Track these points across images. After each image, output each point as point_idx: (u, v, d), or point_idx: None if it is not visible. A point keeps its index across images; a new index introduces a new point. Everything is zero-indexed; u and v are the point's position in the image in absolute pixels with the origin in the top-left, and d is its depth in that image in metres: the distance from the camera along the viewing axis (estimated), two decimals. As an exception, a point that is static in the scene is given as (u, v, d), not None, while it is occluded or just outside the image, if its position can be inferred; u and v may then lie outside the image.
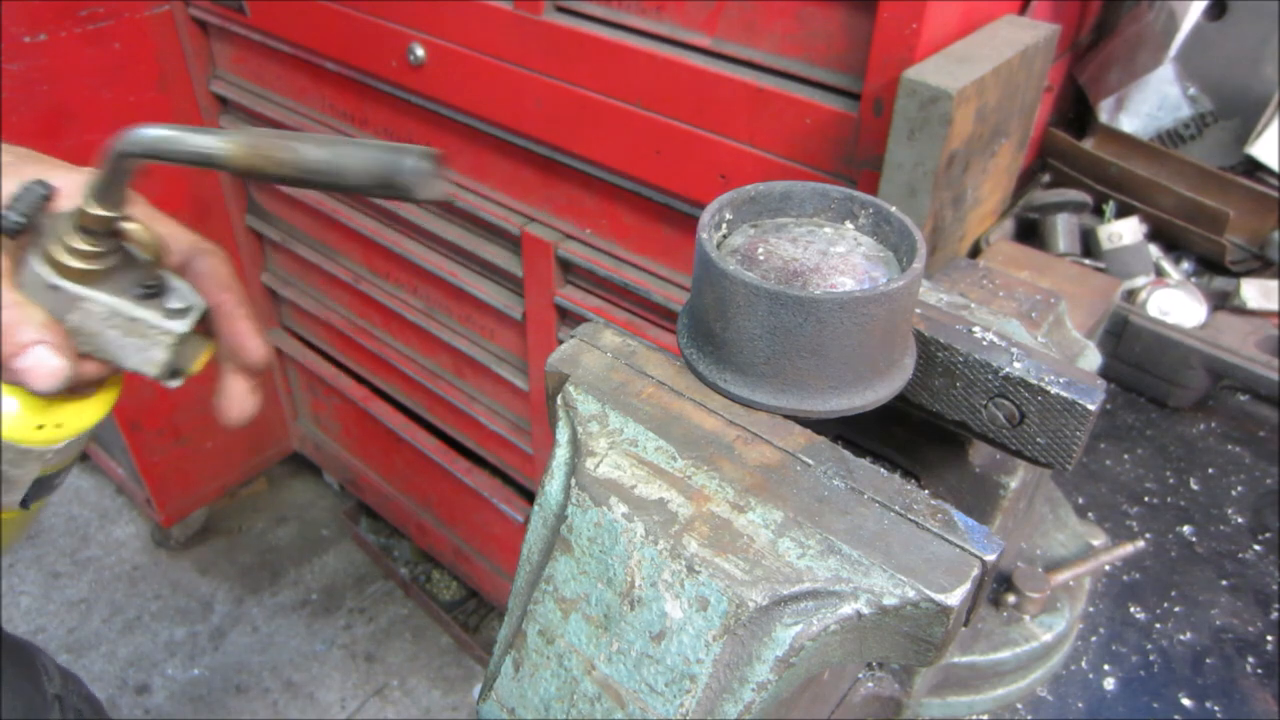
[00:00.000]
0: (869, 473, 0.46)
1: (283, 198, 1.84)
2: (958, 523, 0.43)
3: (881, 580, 0.41)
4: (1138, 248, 1.11)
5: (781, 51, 0.97)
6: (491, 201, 1.41)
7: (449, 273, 1.55)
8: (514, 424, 1.70)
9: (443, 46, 1.25)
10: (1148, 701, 0.80)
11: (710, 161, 1.05)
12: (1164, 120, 1.24)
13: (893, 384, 0.50)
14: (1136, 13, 1.15)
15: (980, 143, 0.90)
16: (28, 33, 1.50)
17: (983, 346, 0.54)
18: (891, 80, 0.85)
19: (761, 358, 0.47)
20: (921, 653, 0.42)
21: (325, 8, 1.38)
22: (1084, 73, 1.23)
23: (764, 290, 0.45)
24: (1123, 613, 0.87)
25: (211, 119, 1.82)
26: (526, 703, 0.46)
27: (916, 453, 0.63)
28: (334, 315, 1.94)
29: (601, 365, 0.51)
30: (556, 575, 0.46)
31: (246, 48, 1.68)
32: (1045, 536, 0.81)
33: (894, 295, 0.46)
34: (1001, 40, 0.90)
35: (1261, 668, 0.83)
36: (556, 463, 0.49)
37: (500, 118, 1.26)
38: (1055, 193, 1.13)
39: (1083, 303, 0.88)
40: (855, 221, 0.53)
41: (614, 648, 0.43)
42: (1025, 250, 1.00)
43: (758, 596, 0.40)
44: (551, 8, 1.13)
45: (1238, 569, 0.92)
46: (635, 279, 1.27)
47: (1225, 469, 1.02)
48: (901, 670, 0.67)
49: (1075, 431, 0.52)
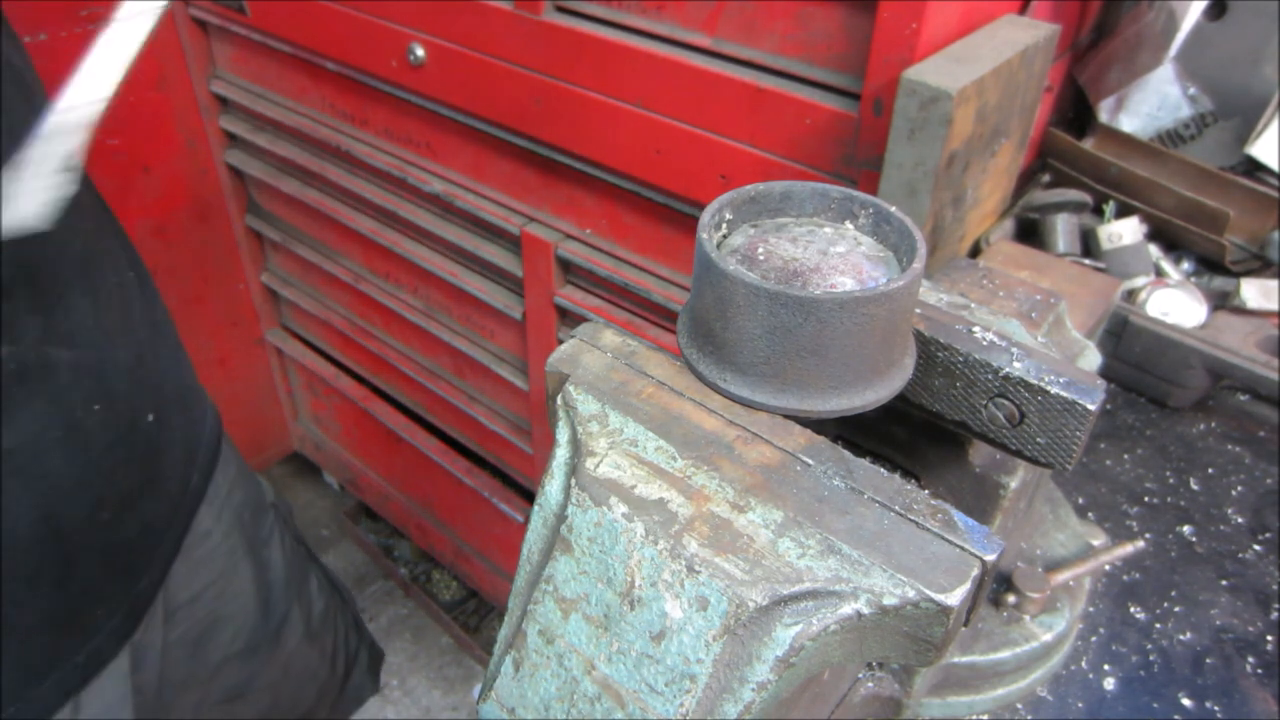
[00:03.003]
0: (869, 473, 0.46)
1: (283, 197, 1.84)
2: (958, 523, 0.43)
3: (881, 580, 0.41)
4: (1138, 248, 1.11)
5: (781, 51, 0.97)
6: (491, 201, 1.41)
7: (449, 273, 1.55)
8: (514, 424, 1.70)
9: (443, 46, 1.25)
10: (1148, 701, 0.80)
11: (710, 161, 1.05)
12: (1164, 120, 1.24)
13: (893, 384, 0.50)
14: (1136, 13, 1.15)
15: (980, 143, 0.90)
16: (28, 32, 1.50)
17: (983, 346, 0.54)
18: (891, 80, 0.85)
19: (761, 358, 0.47)
20: (921, 653, 0.42)
21: (325, 8, 1.38)
22: (1084, 73, 1.23)
23: (764, 290, 0.45)
24: (1123, 613, 0.87)
25: (212, 119, 1.82)
26: (526, 703, 0.46)
27: (916, 453, 0.63)
28: (334, 315, 1.94)
29: (601, 365, 0.51)
30: (556, 575, 0.46)
31: (246, 48, 1.68)
32: (1045, 536, 0.81)
33: (894, 295, 0.46)
34: (1001, 40, 0.90)
35: (1261, 668, 0.83)
36: (556, 463, 0.49)
37: (500, 118, 1.26)
38: (1055, 193, 1.13)
39: (1083, 303, 0.88)
40: (855, 221, 0.53)
41: (614, 648, 0.43)
42: (1025, 250, 1.00)
43: (758, 596, 0.40)
44: (551, 8, 1.13)
45: (1238, 569, 0.92)
46: (635, 279, 1.27)
47: (1225, 469, 1.02)
48: (901, 670, 0.67)
49: (1075, 431, 0.52)
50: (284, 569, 1.12)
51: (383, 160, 1.52)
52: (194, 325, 2.00)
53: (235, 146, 1.87)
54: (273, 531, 1.12)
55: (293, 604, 1.14)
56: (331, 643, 1.23)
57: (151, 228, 1.83)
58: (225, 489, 1.04)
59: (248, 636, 1.07)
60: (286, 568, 1.13)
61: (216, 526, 1.02)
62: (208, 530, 1.01)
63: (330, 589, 1.25)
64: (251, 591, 1.07)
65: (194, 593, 1.00)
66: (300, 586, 1.16)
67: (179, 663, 0.99)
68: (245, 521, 1.07)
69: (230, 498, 1.04)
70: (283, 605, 1.12)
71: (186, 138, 1.81)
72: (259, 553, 1.09)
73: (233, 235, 1.99)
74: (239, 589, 1.06)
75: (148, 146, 1.76)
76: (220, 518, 1.02)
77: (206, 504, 1.01)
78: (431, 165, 1.48)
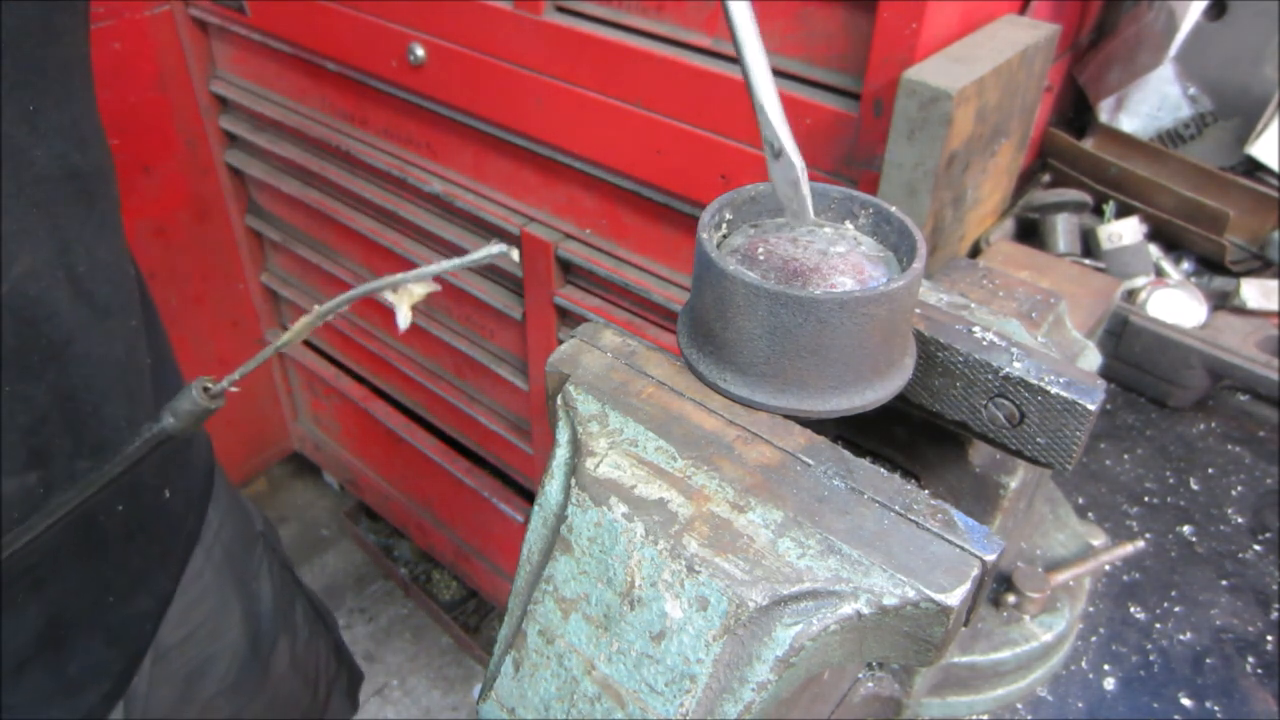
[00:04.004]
0: (869, 473, 0.46)
1: (283, 197, 1.84)
2: (958, 523, 0.43)
3: (881, 580, 0.41)
4: (1138, 248, 1.11)
5: (781, 51, 0.97)
6: (491, 201, 1.41)
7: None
8: (514, 424, 1.70)
9: (443, 46, 1.25)
10: (1148, 701, 0.80)
11: (710, 161, 1.05)
12: (1164, 120, 1.24)
13: (893, 384, 0.50)
14: (1136, 13, 1.15)
15: (980, 143, 0.90)
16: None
17: (983, 346, 0.54)
18: (891, 80, 0.85)
19: (761, 358, 0.47)
20: (921, 653, 0.42)
21: (325, 8, 1.38)
22: (1084, 73, 1.23)
23: (764, 290, 0.45)
24: (1123, 613, 0.87)
25: (211, 119, 1.82)
26: (526, 703, 0.46)
27: (916, 453, 0.63)
28: (334, 315, 1.94)
29: (601, 365, 0.51)
30: (556, 575, 0.46)
31: (246, 48, 1.68)
32: (1045, 536, 0.81)
33: (894, 295, 0.46)
34: (1001, 40, 0.90)
35: (1261, 668, 0.83)
36: (556, 463, 0.49)
37: (500, 117, 1.26)
38: (1055, 193, 1.13)
39: (1083, 303, 0.88)
40: (855, 221, 0.53)
41: (614, 648, 0.43)
42: (1025, 250, 1.00)
43: (758, 596, 0.40)
44: (551, 8, 1.13)
45: (1238, 569, 0.92)
46: (635, 279, 1.27)
47: (1225, 469, 1.02)
48: (901, 670, 0.67)
49: (1075, 431, 0.52)
50: (272, 600, 1.10)
51: (383, 160, 1.52)
52: (194, 325, 2.00)
53: (235, 146, 1.87)
54: (261, 561, 1.10)
55: (279, 635, 1.11)
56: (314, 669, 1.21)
57: (151, 228, 1.83)
58: (216, 525, 1.01)
59: (237, 672, 1.04)
60: (274, 598, 1.11)
61: (207, 565, 1.00)
62: (199, 570, 0.98)
63: (314, 615, 1.23)
64: (241, 628, 1.05)
65: (184, 635, 0.98)
66: (287, 616, 1.14)
67: (167, 703, 0.97)
68: (235, 555, 1.05)
69: (220, 533, 1.02)
70: (270, 637, 1.09)
71: (186, 138, 1.81)
72: (248, 585, 1.07)
73: (233, 235, 1.99)
74: (229, 625, 1.04)
75: (148, 146, 1.76)
76: (211, 555, 1.00)
77: (199, 544, 0.99)
78: (431, 165, 1.48)
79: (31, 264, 0.68)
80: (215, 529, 1.01)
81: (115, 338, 0.79)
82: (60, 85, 0.68)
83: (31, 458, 0.72)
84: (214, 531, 1.01)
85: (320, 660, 1.23)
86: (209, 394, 0.54)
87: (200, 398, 0.54)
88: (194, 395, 0.54)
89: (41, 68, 0.65)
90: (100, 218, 0.75)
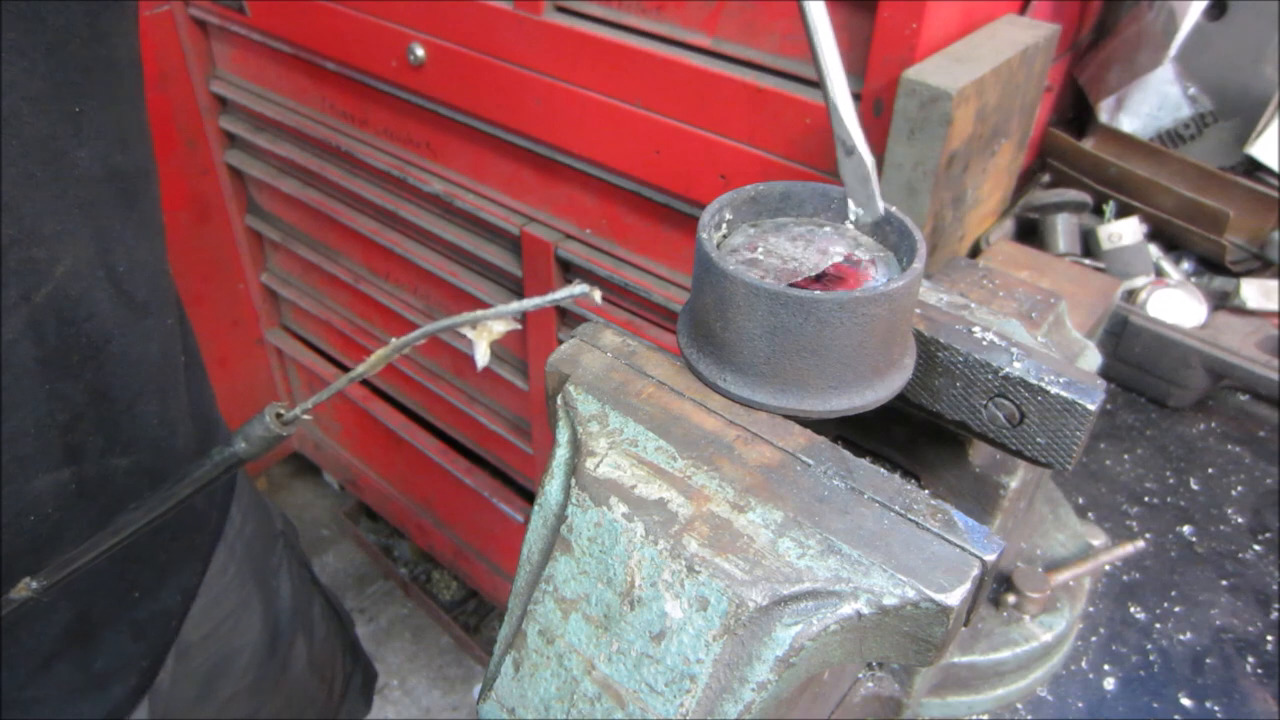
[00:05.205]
0: (869, 473, 0.46)
1: (283, 197, 1.84)
2: (958, 523, 0.43)
3: (881, 580, 0.41)
4: (1138, 248, 1.11)
5: (781, 51, 0.97)
6: (491, 201, 1.41)
7: (449, 273, 1.55)
8: (514, 424, 1.70)
9: (443, 46, 1.25)
10: (1148, 701, 0.80)
11: (710, 161, 1.05)
12: (1164, 120, 1.24)
13: (893, 384, 0.50)
14: (1136, 13, 1.15)
15: (980, 143, 0.90)
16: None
17: (983, 346, 0.54)
18: (891, 80, 0.85)
19: (761, 358, 0.47)
20: (921, 653, 0.42)
21: (325, 8, 1.38)
22: (1084, 73, 1.23)
23: (764, 290, 0.45)
24: (1123, 613, 0.87)
25: (211, 119, 1.82)
26: (526, 703, 0.46)
27: (916, 453, 0.63)
28: (334, 315, 1.94)
29: (601, 365, 0.51)
30: (556, 575, 0.46)
31: (246, 48, 1.68)
32: (1045, 536, 0.81)
33: (894, 295, 0.46)
34: (1001, 40, 0.90)
35: (1261, 668, 0.83)
36: (556, 463, 0.49)
37: (500, 118, 1.26)
38: (1055, 193, 1.13)
39: (1083, 303, 0.88)
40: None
41: (614, 648, 0.43)
42: (1025, 250, 1.00)
43: (758, 596, 0.40)
44: (551, 8, 1.13)
45: (1238, 569, 0.92)
46: (635, 279, 1.27)
47: (1225, 469, 1.02)
48: (901, 670, 0.67)
49: (1075, 431, 0.52)
50: (291, 599, 1.11)
51: (383, 160, 1.52)
52: (194, 325, 1.99)
53: (235, 146, 1.87)
54: (281, 560, 1.10)
55: (298, 633, 1.12)
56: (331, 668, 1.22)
57: (151, 228, 1.83)
58: (239, 521, 1.02)
59: (256, 670, 1.05)
60: (293, 597, 1.11)
61: (230, 562, 1.00)
62: (223, 566, 0.99)
63: (331, 614, 1.24)
64: (260, 625, 1.05)
65: (206, 632, 0.98)
66: (305, 614, 1.15)
67: (187, 701, 0.98)
68: (256, 553, 1.05)
69: (243, 530, 1.03)
70: (288, 635, 1.10)
71: (186, 138, 1.81)
72: (268, 583, 1.07)
73: (233, 235, 1.99)
74: (249, 623, 1.04)
75: (148, 146, 1.76)
76: (234, 553, 1.00)
77: (222, 541, 0.99)
78: (431, 165, 1.48)
79: (74, 264, 0.68)
80: (238, 526, 1.02)
81: (152, 337, 0.79)
82: (105, 86, 0.68)
83: (66, 455, 0.72)
84: (236, 528, 1.02)
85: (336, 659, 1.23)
86: (281, 420, 0.54)
87: (273, 424, 0.54)
88: (266, 421, 0.54)
89: (87, 68, 0.65)
90: (141, 217, 0.75)
